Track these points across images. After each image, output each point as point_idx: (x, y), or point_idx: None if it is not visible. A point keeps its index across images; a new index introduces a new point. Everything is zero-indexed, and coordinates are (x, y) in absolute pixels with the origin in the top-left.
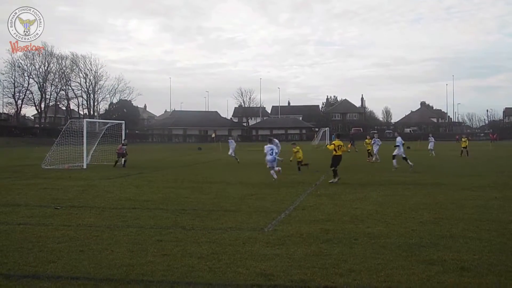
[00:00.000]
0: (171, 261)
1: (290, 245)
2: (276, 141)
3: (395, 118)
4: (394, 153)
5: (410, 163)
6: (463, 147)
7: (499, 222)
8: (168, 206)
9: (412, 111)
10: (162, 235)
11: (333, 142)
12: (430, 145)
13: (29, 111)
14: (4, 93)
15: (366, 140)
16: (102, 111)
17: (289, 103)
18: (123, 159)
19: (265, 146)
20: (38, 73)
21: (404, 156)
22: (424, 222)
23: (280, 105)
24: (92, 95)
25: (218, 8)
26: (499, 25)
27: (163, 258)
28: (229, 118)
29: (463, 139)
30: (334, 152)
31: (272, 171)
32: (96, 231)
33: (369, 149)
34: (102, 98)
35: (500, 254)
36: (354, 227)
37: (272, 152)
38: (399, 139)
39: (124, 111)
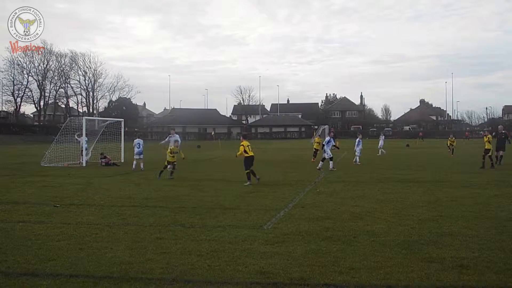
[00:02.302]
0: (170, 259)
1: (289, 243)
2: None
3: (394, 116)
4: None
5: (318, 167)
6: (450, 145)
7: (498, 219)
8: (167, 204)
9: (411, 109)
10: (162, 233)
11: (242, 143)
12: (380, 144)
13: (28, 109)
14: (3, 91)
15: (316, 139)
16: (101, 109)
17: (288, 101)
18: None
19: (135, 140)
20: (37, 71)
21: (326, 157)
22: (423, 220)
23: (280, 102)
24: (91, 93)
25: (216, 4)
26: (498, 22)
27: (162, 256)
28: (228, 116)
29: (449, 139)
30: (245, 154)
31: (134, 162)
32: (95, 229)
33: (316, 148)
34: (101, 96)
35: (499, 251)
36: (353, 225)
37: (139, 146)
38: (328, 138)
39: (124, 109)
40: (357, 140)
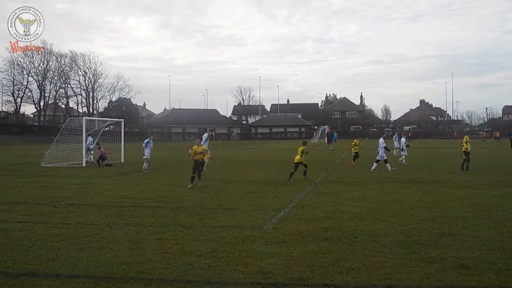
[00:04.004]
0: (170, 259)
1: (289, 243)
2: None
3: (394, 116)
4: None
5: (372, 168)
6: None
7: (498, 220)
8: (167, 204)
9: (411, 109)
10: (161, 233)
11: (194, 147)
12: (396, 144)
13: (28, 109)
14: (3, 91)
15: (355, 141)
16: (101, 109)
17: (288, 101)
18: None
19: (145, 140)
20: (37, 71)
21: (381, 159)
22: (423, 220)
23: (279, 103)
24: (91, 93)
25: (216, 4)
26: (498, 22)
27: (162, 256)
28: (228, 116)
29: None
30: (199, 156)
31: (145, 163)
32: (95, 229)
33: (356, 152)
34: (101, 96)
35: (499, 252)
36: (353, 225)
37: (147, 145)
38: (403, 139)
39: (124, 109)
40: (399, 139)
